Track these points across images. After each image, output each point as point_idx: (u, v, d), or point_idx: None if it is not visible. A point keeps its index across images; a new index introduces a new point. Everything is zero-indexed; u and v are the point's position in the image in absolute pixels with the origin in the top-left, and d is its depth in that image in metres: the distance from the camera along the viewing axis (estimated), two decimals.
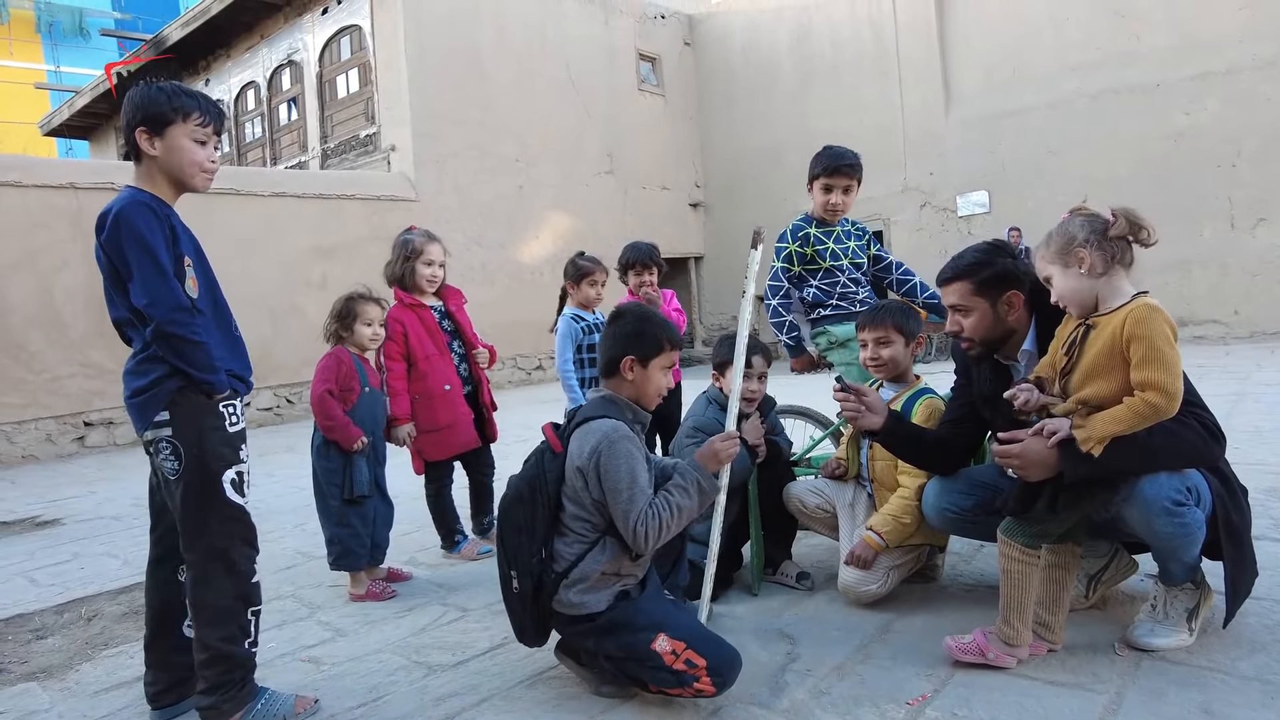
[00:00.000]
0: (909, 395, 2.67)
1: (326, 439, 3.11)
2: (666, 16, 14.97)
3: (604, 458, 1.99)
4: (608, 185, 13.71)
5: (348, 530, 3.10)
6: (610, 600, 2.05)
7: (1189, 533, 1.98)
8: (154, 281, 1.98)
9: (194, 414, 2.04)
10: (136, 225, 2.00)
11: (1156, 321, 1.87)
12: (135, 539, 4.43)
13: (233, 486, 2.07)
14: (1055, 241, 2.02)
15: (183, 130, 2.10)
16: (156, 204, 2.09)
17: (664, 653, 1.95)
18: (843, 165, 3.26)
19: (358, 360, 3.22)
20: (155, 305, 1.98)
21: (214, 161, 2.18)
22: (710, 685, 1.93)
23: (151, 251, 1.99)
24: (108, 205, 2.07)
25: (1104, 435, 1.88)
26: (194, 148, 2.12)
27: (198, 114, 2.11)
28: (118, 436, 8.84)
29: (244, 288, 9.68)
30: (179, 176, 2.14)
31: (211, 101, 2.17)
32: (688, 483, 2.06)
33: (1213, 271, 10.26)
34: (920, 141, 12.64)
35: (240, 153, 14.68)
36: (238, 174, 10.60)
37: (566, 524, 2.07)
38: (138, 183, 2.13)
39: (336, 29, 12.28)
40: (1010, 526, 2.10)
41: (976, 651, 2.08)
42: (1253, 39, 9.96)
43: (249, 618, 2.10)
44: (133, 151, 2.13)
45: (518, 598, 2.10)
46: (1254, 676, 1.94)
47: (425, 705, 2.15)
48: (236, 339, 2.23)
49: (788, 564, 2.91)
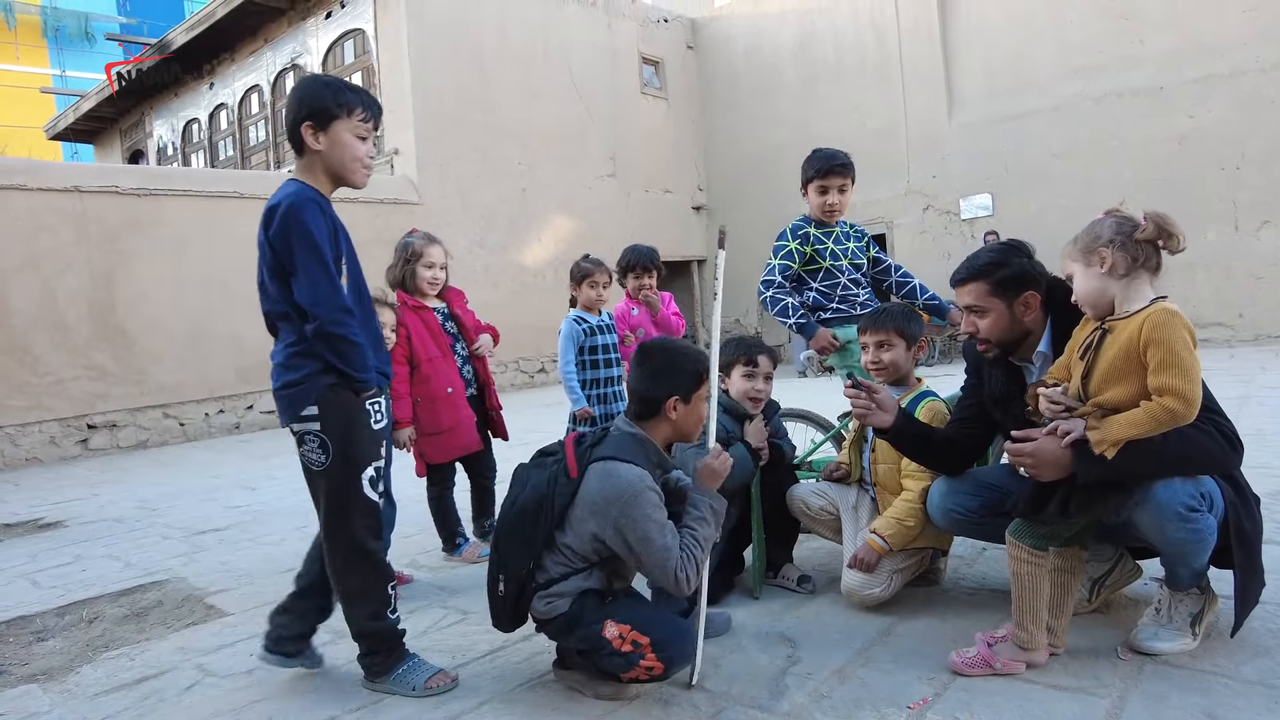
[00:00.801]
0: (911, 398, 2.66)
1: None
2: (669, 20, 15.00)
3: (628, 515, 1.97)
4: (610, 188, 13.72)
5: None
6: (571, 599, 2.08)
7: (1201, 539, 1.96)
8: (320, 281, 2.03)
9: (343, 411, 2.11)
10: (305, 222, 2.04)
11: (1175, 326, 1.85)
12: (138, 541, 4.43)
13: (369, 483, 2.16)
14: (1082, 239, 2.00)
15: (346, 125, 2.14)
16: (323, 200, 2.15)
17: (612, 638, 1.99)
18: (835, 165, 3.27)
19: None
20: (319, 304, 2.03)
21: (372, 157, 2.24)
22: (657, 661, 1.96)
23: (318, 250, 2.04)
24: (273, 198, 2.10)
25: (1119, 438, 1.86)
26: (355, 143, 2.17)
27: (360, 109, 2.15)
28: (121, 439, 8.86)
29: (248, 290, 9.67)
30: (340, 171, 2.19)
31: (372, 97, 2.22)
32: (702, 510, 2.09)
33: (1217, 274, 10.23)
34: (923, 145, 12.64)
35: (244, 156, 14.72)
36: (242, 177, 10.63)
37: (560, 545, 2.07)
38: (299, 175, 2.18)
39: (340, 33, 12.31)
40: (1018, 529, 2.09)
41: (982, 664, 2.06)
42: (1257, 41, 9.94)
43: (389, 592, 2.24)
44: (295, 145, 2.17)
45: (500, 599, 2.14)
46: (1257, 681, 1.93)
47: (425, 708, 2.14)
48: (377, 335, 2.29)
49: (789, 567, 2.90)
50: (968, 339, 2.38)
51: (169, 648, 2.75)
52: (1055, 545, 2.08)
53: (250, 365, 9.77)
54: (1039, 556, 2.05)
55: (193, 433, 9.37)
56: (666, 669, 2.00)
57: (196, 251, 9.38)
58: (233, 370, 9.66)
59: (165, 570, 3.77)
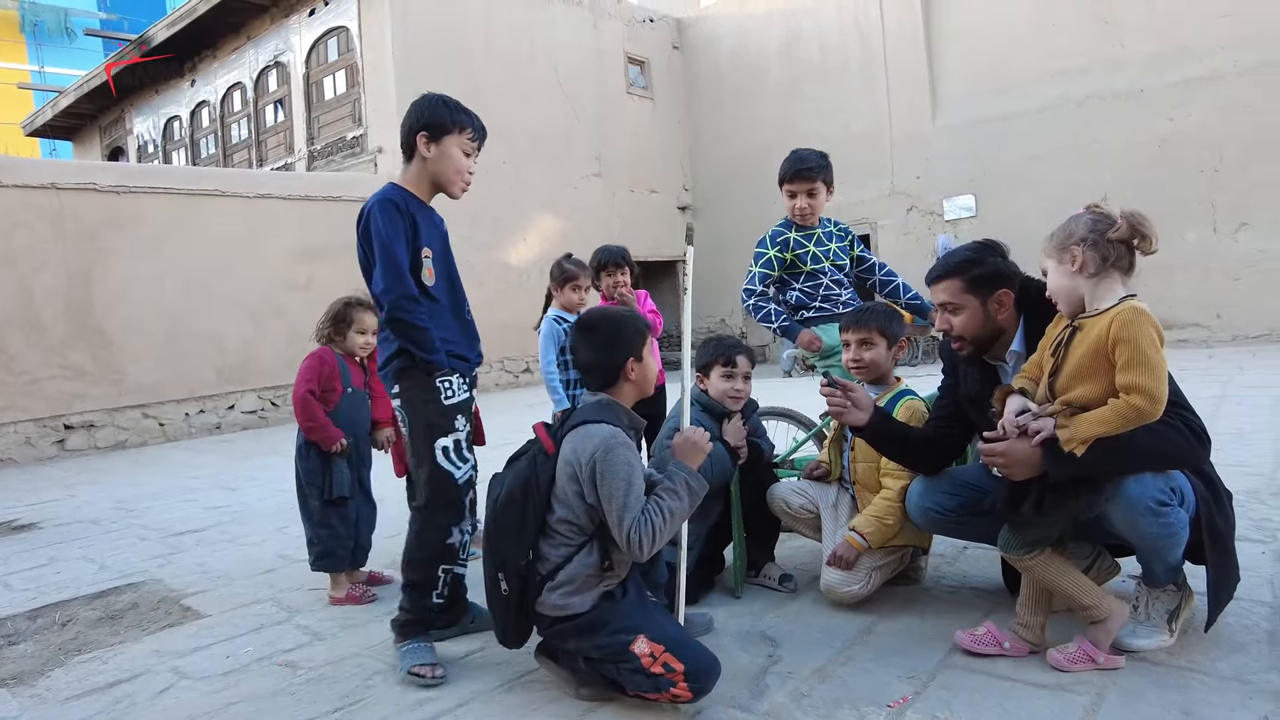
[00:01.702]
0: (890, 397, 2.67)
1: (308, 439, 3.08)
2: (655, 20, 14.99)
3: (600, 464, 1.97)
4: (596, 188, 13.70)
5: (328, 531, 3.08)
6: (594, 600, 2.03)
7: (1173, 533, 1.98)
8: (388, 273, 2.29)
9: (416, 387, 2.35)
10: (379, 222, 2.32)
11: (1142, 324, 1.87)
12: (114, 543, 4.37)
13: (444, 454, 2.33)
14: (1057, 235, 2.02)
15: (456, 140, 2.45)
16: (404, 200, 2.40)
17: (642, 655, 1.94)
18: (803, 169, 3.27)
19: (341, 360, 3.19)
20: (386, 293, 2.29)
21: (471, 173, 2.51)
22: (687, 691, 1.91)
23: (388, 245, 2.30)
24: (366, 202, 2.40)
25: (1087, 436, 1.88)
26: (461, 157, 2.46)
27: (470, 130, 2.48)
28: (98, 439, 8.74)
29: (228, 289, 9.63)
30: (442, 180, 2.47)
31: (482, 122, 2.54)
32: (676, 484, 2.04)
33: (1195, 275, 10.34)
34: (907, 146, 12.70)
35: (226, 154, 14.59)
36: (223, 175, 10.52)
37: (553, 526, 2.05)
38: (401, 179, 2.49)
39: (323, 30, 12.22)
40: (1007, 543, 2.10)
41: (1086, 659, 2.03)
42: (1235, 46, 10.06)
43: (439, 574, 2.37)
44: (406, 151, 2.48)
45: (504, 600, 2.09)
46: (1233, 676, 1.95)
47: (403, 709, 2.12)
48: (468, 322, 2.52)
49: (770, 566, 2.89)
50: (944, 338, 2.39)
51: (143, 650, 2.71)
52: (1046, 544, 2.08)
53: (231, 365, 9.69)
54: (1039, 555, 2.06)
55: (173, 433, 9.27)
56: (694, 698, 1.94)
57: (177, 250, 9.28)
58: (214, 370, 9.56)
59: (141, 572, 3.72)
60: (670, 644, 1.95)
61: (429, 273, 2.39)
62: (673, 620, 2.16)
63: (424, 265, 2.38)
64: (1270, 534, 2.98)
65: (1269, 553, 2.78)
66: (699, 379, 2.85)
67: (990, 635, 2.16)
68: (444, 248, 2.50)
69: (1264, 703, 1.82)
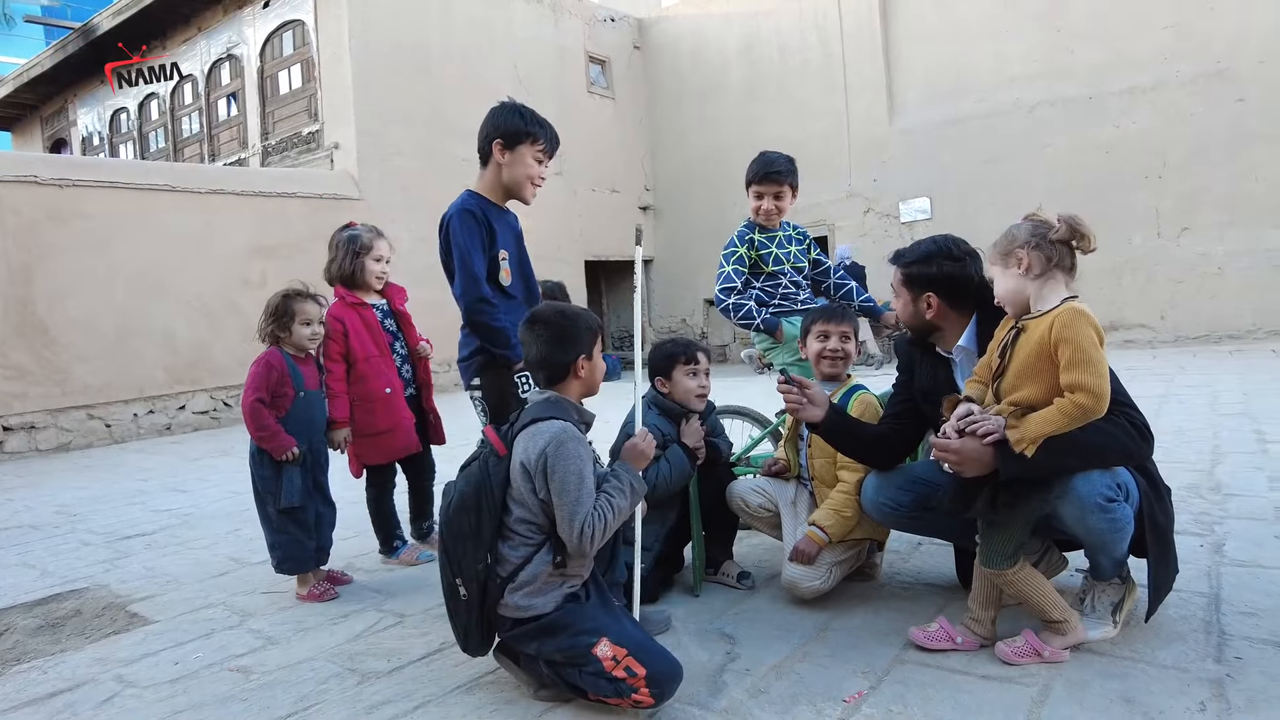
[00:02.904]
0: (843, 392, 2.73)
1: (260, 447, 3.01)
2: (616, 20, 14.98)
3: (552, 458, 1.96)
4: (557, 187, 13.62)
5: (286, 537, 3.02)
6: (558, 601, 2.02)
7: (1119, 528, 2.04)
8: (465, 279, 2.52)
9: (496, 381, 2.57)
10: (458, 231, 2.54)
11: (1082, 325, 1.93)
12: (55, 548, 4.23)
13: None
14: (1001, 243, 2.10)
15: (530, 150, 2.63)
16: (481, 208, 2.59)
17: (604, 658, 1.93)
18: (771, 172, 3.30)
19: (291, 362, 3.07)
20: (463, 297, 2.52)
21: (543, 179, 2.69)
22: (648, 696, 1.90)
23: (465, 254, 2.52)
24: (446, 210, 2.61)
25: (1037, 436, 1.93)
26: (533, 164, 2.65)
27: (543, 140, 2.64)
28: (40, 441, 8.45)
29: (179, 287, 9.39)
30: (514, 185, 2.67)
31: (554, 132, 2.69)
32: (622, 484, 2.07)
33: (1141, 278, 10.69)
34: (864, 149, 12.89)
35: (177, 149, 14.21)
36: (174, 170, 10.26)
37: (511, 527, 2.03)
38: (476, 184, 2.69)
39: (279, 23, 11.98)
40: (989, 557, 2.10)
41: (1032, 653, 2.07)
42: (1176, 57, 10.41)
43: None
44: (483, 157, 2.67)
45: (464, 605, 2.05)
46: (1172, 665, 2.01)
47: (357, 713, 2.09)
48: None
49: (729, 564, 2.91)
50: (900, 337, 2.46)
51: (86, 659, 2.62)
52: (1024, 551, 2.12)
53: (183, 364, 9.43)
54: (1017, 568, 2.09)
55: (120, 434, 9.00)
56: (656, 704, 1.92)
57: (125, 246, 9.01)
58: (164, 369, 9.30)
59: (85, 578, 3.60)
60: (634, 648, 1.94)
61: (506, 274, 2.60)
62: (638, 624, 2.15)
63: (501, 267, 2.58)
64: (1208, 528, 3.09)
65: (1207, 546, 2.88)
66: (660, 382, 2.85)
67: (943, 631, 2.21)
68: (519, 248, 2.71)
69: (1201, 690, 1.88)
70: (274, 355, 3.05)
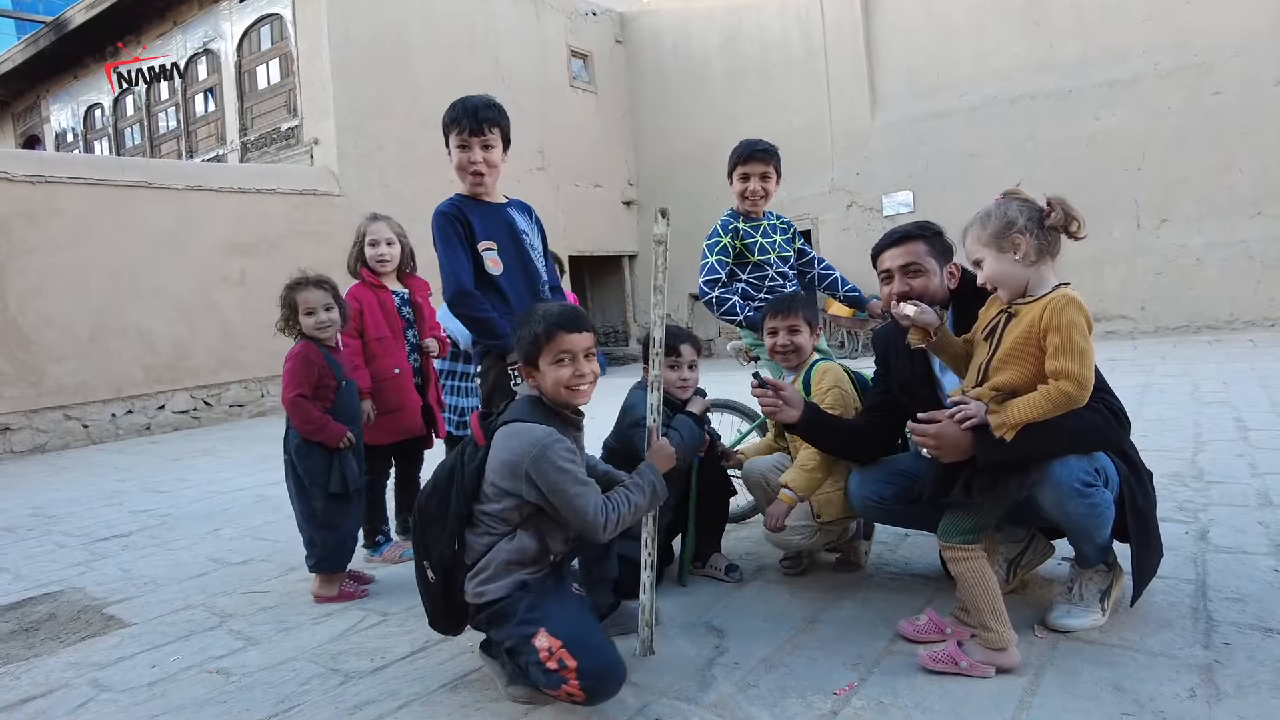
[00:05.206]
0: (806, 369, 2.76)
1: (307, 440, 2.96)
2: (598, 14, 14.90)
3: (535, 468, 1.92)
4: (539, 182, 13.55)
5: (331, 532, 2.96)
6: (509, 589, 1.98)
7: (1098, 513, 2.03)
8: (444, 276, 2.57)
9: (493, 369, 2.59)
10: (434, 233, 2.60)
11: (1074, 312, 1.91)
12: (28, 552, 4.14)
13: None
14: (993, 225, 2.01)
15: (455, 140, 2.64)
16: (455, 206, 2.61)
17: (540, 649, 1.87)
18: (756, 151, 3.29)
19: (327, 353, 3.03)
20: (445, 291, 2.56)
21: (475, 162, 2.63)
22: (579, 691, 1.82)
23: (441, 253, 2.57)
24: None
25: (1018, 421, 1.92)
26: (456, 153, 2.64)
27: (456, 126, 2.62)
28: (14, 443, 8.29)
29: (157, 284, 9.24)
30: (459, 179, 2.68)
31: (465, 106, 2.62)
32: (644, 483, 2.08)
33: (1122, 269, 10.77)
34: (847, 142, 12.90)
35: (153, 145, 13.99)
36: (150, 166, 10.09)
37: (479, 517, 2.01)
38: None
39: (256, 17, 11.80)
40: (946, 530, 2.08)
41: (949, 661, 2.00)
42: (1153, 51, 10.49)
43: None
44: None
45: (432, 588, 2.07)
46: (1160, 652, 2.01)
47: (340, 714, 2.05)
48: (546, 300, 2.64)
49: (716, 557, 2.89)
50: (875, 331, 2.43)
51: (60, 663, 2.56)
52: (984, 534, 2.07)
53: (162, 363, 9.29)
54: (973, 550, 2.04)
55: (98, 435, 8.85)
56: (588, 699, 1.85)
57: (101, 244, 8.85)
58: (142, 368, 9.15)
59: (60, 581, 3.53)
60: (569, 640, 1.86)
61: (493, 263, 2.59)
62: (583, 617, 2.03)
63: (485, 258, 2.58)
64: (1192, 515, 3.10)
65: (1191, 532, 2.89)
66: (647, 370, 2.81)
67: (931, 623, 2.19)
68: (510, 237, 2.66)
69: (1190, 676, 1.88)
70: (311, 350, 2.99)
